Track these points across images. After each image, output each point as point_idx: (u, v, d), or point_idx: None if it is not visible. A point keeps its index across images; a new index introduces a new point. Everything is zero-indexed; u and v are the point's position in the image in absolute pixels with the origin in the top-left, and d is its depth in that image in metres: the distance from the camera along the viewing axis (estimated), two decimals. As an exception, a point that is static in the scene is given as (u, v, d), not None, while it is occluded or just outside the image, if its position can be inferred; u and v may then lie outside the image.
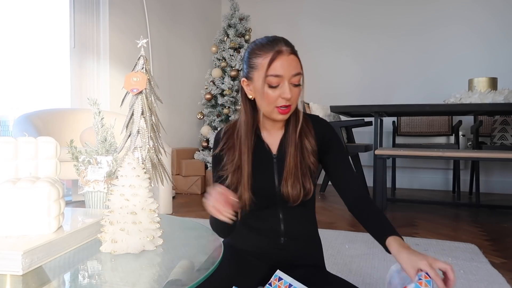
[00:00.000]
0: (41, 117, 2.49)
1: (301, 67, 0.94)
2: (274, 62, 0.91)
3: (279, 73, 0.91)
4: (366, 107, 2.92)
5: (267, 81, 0.92)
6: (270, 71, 0.91)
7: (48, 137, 0.85)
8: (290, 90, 0.92)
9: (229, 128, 1.05)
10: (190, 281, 0.61)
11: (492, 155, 2.45)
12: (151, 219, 0.77)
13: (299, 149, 0.99)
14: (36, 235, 0.69)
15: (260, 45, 0.95)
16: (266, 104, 0.94)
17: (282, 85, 0.91)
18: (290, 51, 0.93)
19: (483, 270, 1.63)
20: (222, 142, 1.03)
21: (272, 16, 4.68)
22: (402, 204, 3.22)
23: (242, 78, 1.01)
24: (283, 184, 0.97)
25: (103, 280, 0.64)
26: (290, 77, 0.92)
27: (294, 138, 0.99)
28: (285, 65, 0.91)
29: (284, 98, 0.91)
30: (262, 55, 0.93)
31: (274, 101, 0.93)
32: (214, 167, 1.05)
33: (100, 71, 3.10)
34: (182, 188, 3.66)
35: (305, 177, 0.98)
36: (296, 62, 0.93)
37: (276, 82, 0.91)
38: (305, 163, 0.99)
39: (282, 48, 0.92)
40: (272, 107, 0.94)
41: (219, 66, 3.96)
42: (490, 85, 2.92)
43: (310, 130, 1.02)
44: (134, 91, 0.87)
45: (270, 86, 0.92)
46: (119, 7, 3.19)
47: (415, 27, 4.19)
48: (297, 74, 0.93)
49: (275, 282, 0.88)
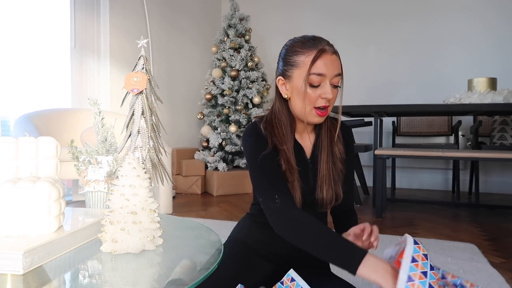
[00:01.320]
0: (41, 117, 2.50)
1: (341, 69, 0.92)
2: (318, 60, 0.88)
3: (322, 71, 0.88)
4: (366, 107, 2.92)
5: (310, 80, 0.89)
6: (313, 69, 0.88)
7: (48, 137, 0.85)
8: (331, 90, 0.90)
9: (266, 126, 0.97)
10: (191, 281, 0.62)
11: (491, 155, 2.45)
12: (151, 219, 0.77)
13: (331, 155, 0.98)
14: (36, 235, 0.70)
15: (301, 42, 0.92)
16: (306, 104, 0.91)
17: (324, 84, 0.89)
18: (333, 50, 0.91)
19: (482, 270, 1.63)
20: (268, 136, 0.95)
21: (272, 16, 4.68)
22: (402, 204, 3.22)
23: (277, 77, 0.97)
24: (318, 190, 0.96)
25: (103, 280, 0.64)
26: (332, 77, 0.90)
27: (326, 143, 0.98)
28: (329, 64, 0.89)
29: (325, 98, 0.89)
30: (305, 52, 0.90)
31: (314, 101, 0.90)
32: (257, 148, 0.93)
33: (100, 71, 3.10)
34: (182, 188, 3.66)
35: (337, 184, 0.97)
36: (338, 62, 0.91)
37: (318, 81, 0.89)
38: (336, 170, 0.98)
39: (326, 47, 0.90)
40: (310, 107, 0.91)
41: (219, 66, 3.96)
42: (489, 85, 2.92)
43: (340, 138, 1.01)
44: (134, 91, 0.88)
45: (311, 85, 0.89)
46: (119, 7, 3.19)
47: (415, 27, 4.19)
48: (339, 74, 0.91)
49: (287, 282, 0.86)
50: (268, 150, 0.92)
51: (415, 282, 0.64)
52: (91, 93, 3.05)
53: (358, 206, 3.06)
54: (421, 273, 0.65)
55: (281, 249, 1.02)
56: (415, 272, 0.65)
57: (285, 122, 0.96)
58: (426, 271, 0.65)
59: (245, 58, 3.88)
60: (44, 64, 2.84)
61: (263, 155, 0.92)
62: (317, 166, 0.97)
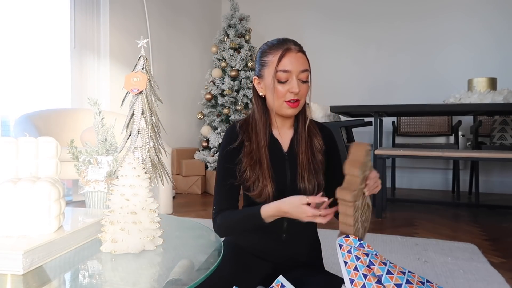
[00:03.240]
0: (41, 117, 2.50)
1: (309, 65, 1.01)
2: (283, 59, 0.97)
3: (287, 68, 0.97)
4: (366, 107, 2.92)
5: (277, 77, 0.98)
6: (280, 66, 0.97)
7: (48, 137, 0.85)
8: (298, 85, 0.97)
9: (242, 124, 1.07)
10: (190, 281, 0.62)
11: (491, 155, 2.45)
12: (151, 219, 0.77)
13: (309, 147, 1.05)
14: (36, 235, 0.70)
15: (271, 44, 1.02)
16: (276, 98, 0.99)
17: (291, 80, 0.97)
18: (298, 49, 0.99)
19: (482, 270, 1.63)
20: (240, 136, 1.04)
21: (272, 16, 4.68)
22: (402, 204, 3.22)
23: (254, 77, 1.06)
24: (299, 179, 1.01)
25: (103, 280, 0.64)
26: (298, 72, 0.98)
27: (304, 136, 1.05)
28: (293, 61, 0.97)
29: (293, 92, 0.97)
30: (272, 53, 1.00)
31: (283, 95, 0.98)
32: (224, 161, 1.05)
33: (100, 71, 3.10)
34: (182, 188, 3.66)
35: (318, 173, 1.04)
36: (303, 59, 0.99)
37: (285, 77, 0.97)
38: (315, 160, 1.04)
39: (291, 46, 0.99)
40: (281, 101, 0.99)
41: (219, 66, 3.96)
42: (489, 85, 2.92)
43: (317, 132, 1.08)
44: (134, 91, 0.88)
45: (279, 81, 0.98)
46: (119, 7, 3.19)
47: (415, 27, 4.19)
48: (305, 70, 0.99)
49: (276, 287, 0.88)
50: (234, 146, 1.03)
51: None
52: (91, 93, 3.05)
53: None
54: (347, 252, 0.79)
55: (273, 249, 1.05)
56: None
57: (259, 118, 1.04)
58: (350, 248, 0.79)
59: (245, 58, 3.88)
60: (44, 64, 2.84)
61: (223, 165, 1.04)
62: (296, 158, 1.04)
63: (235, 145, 1.03)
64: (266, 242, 1.04)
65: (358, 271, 0.74)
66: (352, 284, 0.73)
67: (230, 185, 1.03)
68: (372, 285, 0.71)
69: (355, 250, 0.77)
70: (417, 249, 1.92)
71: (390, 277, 0.73)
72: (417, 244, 2.00)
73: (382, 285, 0.72)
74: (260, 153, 1.01)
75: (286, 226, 1.03)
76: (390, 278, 0.72)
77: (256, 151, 1.01)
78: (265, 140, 1.03)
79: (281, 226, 1.02)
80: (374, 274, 0.74)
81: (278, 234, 1.03)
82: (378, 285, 0.71)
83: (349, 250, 0.78)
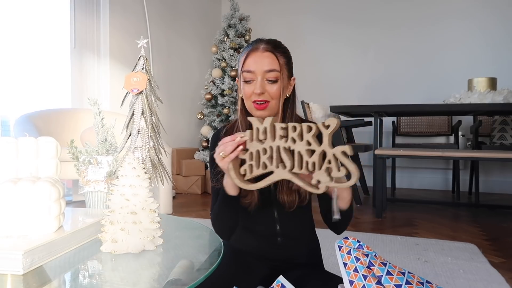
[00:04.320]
0: (41, 117, 2.50)
1: (279, 65, 0.95)
2: (247, 58, 0.95)
3: (251, 68, 0.94)
4: (366, 107, 2.92)
5: (242, 77, 0.96)
6: (244, 66, 0.95)
7: (48, 137, 0.85)
8: (264, 85, 0.94)
9: (228, 128, 1.05)
10: (190, 281, 0.62)
11: (491, 155, 2.45)
12: (151, 219, 0.77)
13: None
14: (36, 235, 0.70)
15: (246, 45, 1.01)
16: (245, 99, 0.97)
17: (256, 80, 0.94)
18: (266, 48, 0.95)
19: (482, 270, 1.63)
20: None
21: (272, 16, 4.68)
22: (402, 204, 3.22)
23: (236, 79, 1.05)
24: (279, 191, 0.96)
25: (103, 280, 0.64)
26: (263, 72, 0.94)
27: None
28: (258, 61, 0.94)
29: (256, 93, 0.93)
30: (242, 53, 0.98)
31: (249, 96, 0.95)
32: (212, 167, 1.04)
33: (100, 71, 3.10)
34: (182, 188, 3.66)
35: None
36: (270, 59, 0.94)
37: (249, 77, 0.95)
38: None
39: (259, 46, 0.96)
40: (249, 102, 0.96)
41: (219, 66, 3.96)
42: (489, 85, 2.93)
43: None
44: (134, 91, 0.88)
45: (245, 81, 0.96)
46: (119, 7, 3.19)
47: (415, 27, 4.19)
48: (271, 70, 0.94)
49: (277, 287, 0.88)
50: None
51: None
52: (91, 93, 3.05)
53: (358, 206, 3.06)
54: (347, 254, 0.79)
55: (270, 253, 1.03)
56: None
57: (242, 120, 1.01)
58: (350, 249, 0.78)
59: (245, 58, 3.87)
60: (44, 64, 2.84)
61: (211, 169, 1.02)
62: None
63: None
64: (263, 247, 1.03)
65: (358, 272, 0.74)
66: (351, 286, 0.73)
67: (220, 187, 0.99)
68: (372, 286, 0.71)
69: (355, 251, 0.77)
70: (417, 249, 1.92)
71: (390, 278, 0.73)
72: (417, 244, 2.00)
73: (382, 286, 0.72)
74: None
75: (279, 229, 1.02)
76: (389, 279, 0.72)
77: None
78: None
79: (274, 229, 1.02)
80: (374, 275, 0.74)
81: (273, 237, 1.02)
82: (378, 286, 0.71)
83: (349, 251, 0.78)
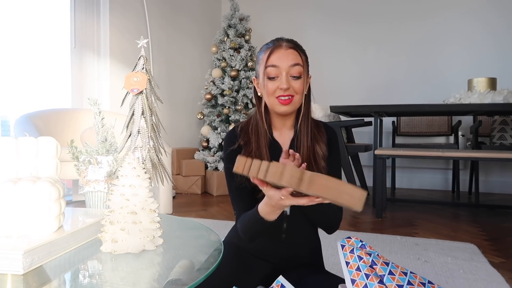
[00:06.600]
0: (41, 117, 2.50)
1: (302, 60, 0.97)
2: (272, 55, 0.96)
3: (275, 63, 0.95)
4: (366, 107, 2.92)
5: (266, 73, 0.97)
6: (268, 62, 0.96)
7: (48, 137, 0.85)
8: (289, 81, 0.95)
9: (243, 126, 1.05)
10: (190, 281, 0.62)
11: (491, 155, 2.45)
12: (151, 219, 0.77)
13: (312, 153, 1.00)
14: (36, 234, 0.70)
15: (265, 44, 1.02)
16: (267, 96, 0.98)
17: (280, 76, 0.95)
18: (289, 46, 0.97)
19: (482, 270, 1.63)
20: (240, 138, 1.02)
21: (272, 16, 4.68)
22: (402, 204, 3.22)
23: (253, 78, 1.06)
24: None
25: (103, 280, 0.64)
26: (288, 68, 0.95)
27: (306, 141, 1.00)
28: (282, 57, 0.96)
29: (282, 88, 0.94)
30: (264, 50, 1.00)
31: (273, 92, 0.96)
32: (227, 164, 1.02)
33: (100, 71, 3.10)
34: (182, 188, 3.66)
35: None
36: (294, 55, 0.97)
37: (274, 73, 0.96)
38: (317, 168, 0.99)
39: (282, 43, 0.98)
40: (273, 98, 0.97)
41: (219, 66, 3.96)
42: (489, 85, 2.92)
43: (321, 136, 1.03)
44: (134, 91, 0.88)
45: (269, 78, 0.96)
46: (119, 7, 3.19)
47: (416, 27, 4.19)
48: (296, 64, 0.96)
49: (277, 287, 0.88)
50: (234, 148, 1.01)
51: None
52: (91, 93, 3.05)
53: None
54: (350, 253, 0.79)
55: (272, 250, 1.04)
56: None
57: (259, 119, 1.02)
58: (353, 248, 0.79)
59: (245, 58, 3.88)
60: (44, 64, 2.84)
61: (227, 168, 1.01)
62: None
63: (235, 147, 1.01)
64: (266, 243, 1.04)
65: (360, 271, 0.74)
66: (353, 284, 0.73)
67: (239, 185, 1.00)
68: (374, 285, 0.71)
69: (358, 250, 0.77)
70: (417, 249, 1.92)
71: (392, 278, 0.73)
72: (417, 244, 2.00)
73: (384, 285, 0.72)
74: (261, 154, 0.98)
75: (285, 227, 1.02)
76: (392, 278, 0.73)
77: (255, 151, 0.99)
78: (266, 140, 1.00)
79: (281, 227, 1.02)
80: (376, 274, 0.74)
81: (277, 235, 1.03)
82: (380, 285, 0.71)
83: (352, 250, 0.78)
